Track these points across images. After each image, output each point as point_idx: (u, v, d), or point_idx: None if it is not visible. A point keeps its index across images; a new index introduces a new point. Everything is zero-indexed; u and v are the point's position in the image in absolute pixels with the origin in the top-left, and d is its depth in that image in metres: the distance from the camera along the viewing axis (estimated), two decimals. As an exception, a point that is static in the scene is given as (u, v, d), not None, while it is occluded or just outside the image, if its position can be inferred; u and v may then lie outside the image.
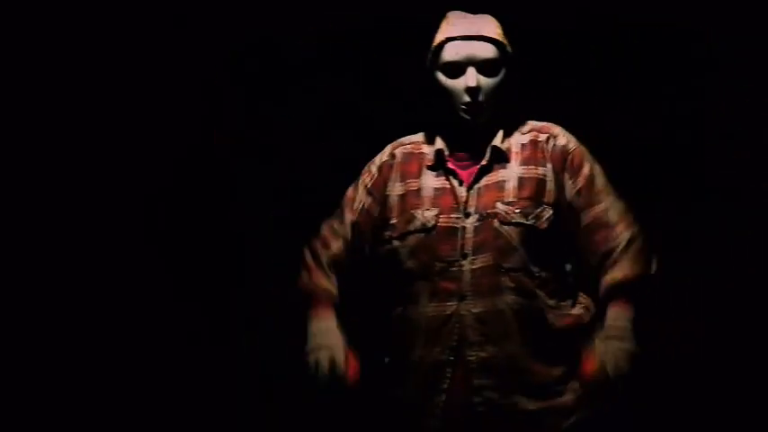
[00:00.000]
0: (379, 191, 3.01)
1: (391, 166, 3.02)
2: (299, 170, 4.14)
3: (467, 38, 2.90)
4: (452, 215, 2.87)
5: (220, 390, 4.09)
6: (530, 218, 2.86)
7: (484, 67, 2.89)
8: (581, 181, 2.91)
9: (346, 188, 3.11)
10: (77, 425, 4.01)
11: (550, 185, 2.90)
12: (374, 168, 3.04)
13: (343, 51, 4.10)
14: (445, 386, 2.82)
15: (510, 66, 2.94)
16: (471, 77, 2.87)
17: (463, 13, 2.98)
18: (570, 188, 2.91)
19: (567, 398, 2.84)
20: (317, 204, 3.20)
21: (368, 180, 3.04)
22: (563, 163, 2.92)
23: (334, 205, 3.11)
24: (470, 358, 2.81)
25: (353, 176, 3.11)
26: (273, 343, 3.97)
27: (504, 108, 2.95)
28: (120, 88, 4.10)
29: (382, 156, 3.06)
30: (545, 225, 2.86)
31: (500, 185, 2.89)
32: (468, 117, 2.89)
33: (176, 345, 4.08)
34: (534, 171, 2.90)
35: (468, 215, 2.87)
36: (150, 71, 4.11)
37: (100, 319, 4.05)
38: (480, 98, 2.88)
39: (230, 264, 4.14)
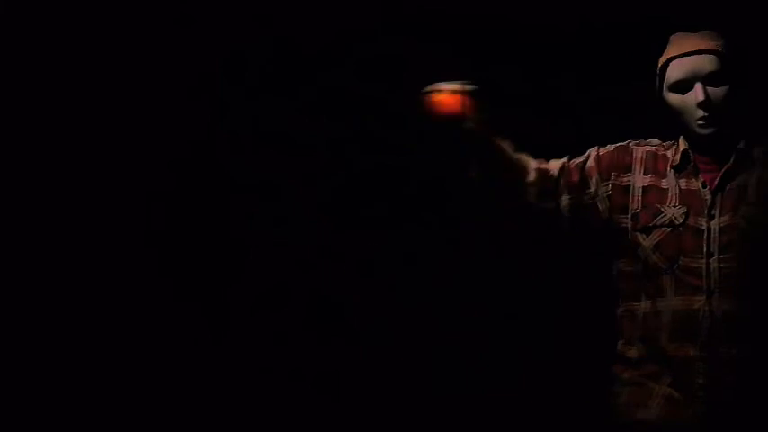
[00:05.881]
0: (610, 168, 3.07)
1: (632, 155, 3.08)
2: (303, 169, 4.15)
3: (688, 54, 2.99)
4: (698, 216, 2.95)
5: (220, 389, 4.09)
6: None
7: (710, 79, 2.96)
8: None
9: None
10: (78, 425, 4.01)
11: None
12: (612, 147, 3.10)
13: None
14: (701, 381, 2.87)
15: (736, 74, 2.99)
16: (700, 92, 2.95)
17: (684, 33, 3.05)
18: None
19: None
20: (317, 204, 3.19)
21: (602, 151, 3.09)
22: None
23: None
24: (722, 355, 2.87)
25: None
26: (273, 342, 3.97)
27: (741, 115, 3.01)
28: (120, 88, 4.11)
29: (621, 145, 3.11)
30: None
31: (744, 189, 2.95)
32: (705, 131, 2.97)
33: (176, 344, 4.08)
34: None
35: (712, 217, 2.94)
36: (150, 71, 4.12)
37: (100, 318, 4.06)
38: (713, 110, 2.95)
39: (230, 264, 4.15)
